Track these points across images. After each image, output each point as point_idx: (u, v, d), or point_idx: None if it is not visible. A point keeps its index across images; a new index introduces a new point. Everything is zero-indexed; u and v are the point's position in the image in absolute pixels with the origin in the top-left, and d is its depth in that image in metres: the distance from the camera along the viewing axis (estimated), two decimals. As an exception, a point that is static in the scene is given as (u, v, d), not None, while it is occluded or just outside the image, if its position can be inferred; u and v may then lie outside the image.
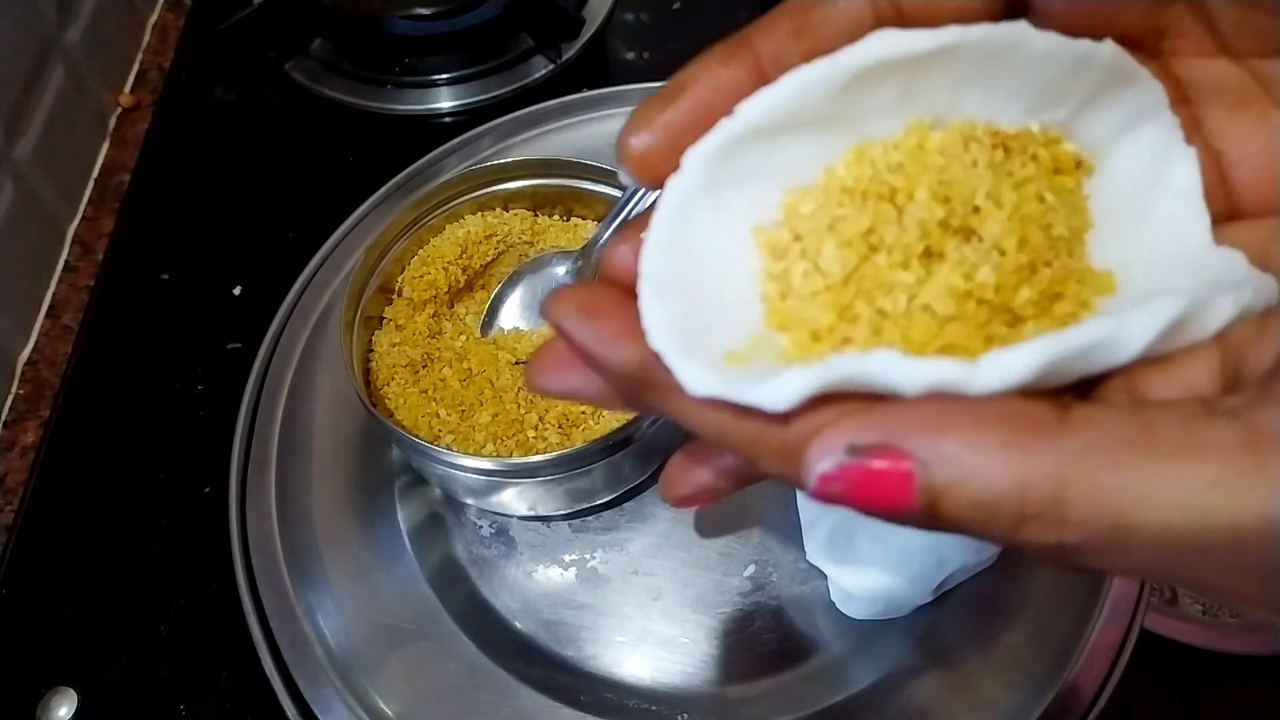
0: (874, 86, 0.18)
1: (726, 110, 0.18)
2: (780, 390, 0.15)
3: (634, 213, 0.43)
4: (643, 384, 0.17)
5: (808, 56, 0.17)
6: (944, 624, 0.41)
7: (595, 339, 0.17)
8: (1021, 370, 0.15)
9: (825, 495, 0.15)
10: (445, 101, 0.63)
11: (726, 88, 0.18)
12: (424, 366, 0.44)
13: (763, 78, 0.18)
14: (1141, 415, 0.14)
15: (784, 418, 0.16)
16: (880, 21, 0.17)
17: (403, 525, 0.45)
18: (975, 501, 0.14)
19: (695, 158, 0.18)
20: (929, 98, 0.18)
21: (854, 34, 0.17)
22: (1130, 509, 0.13)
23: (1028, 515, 0.14)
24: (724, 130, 0.18)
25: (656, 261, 0.18)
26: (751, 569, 0.43)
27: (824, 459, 0.15)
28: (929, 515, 0.14)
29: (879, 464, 0.14)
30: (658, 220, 0.18)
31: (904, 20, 0.17)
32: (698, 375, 0.16)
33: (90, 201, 0.63)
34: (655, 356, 0.16)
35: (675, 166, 0.18)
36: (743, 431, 0.16)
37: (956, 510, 0.14)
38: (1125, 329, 0.15)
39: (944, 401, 0.15)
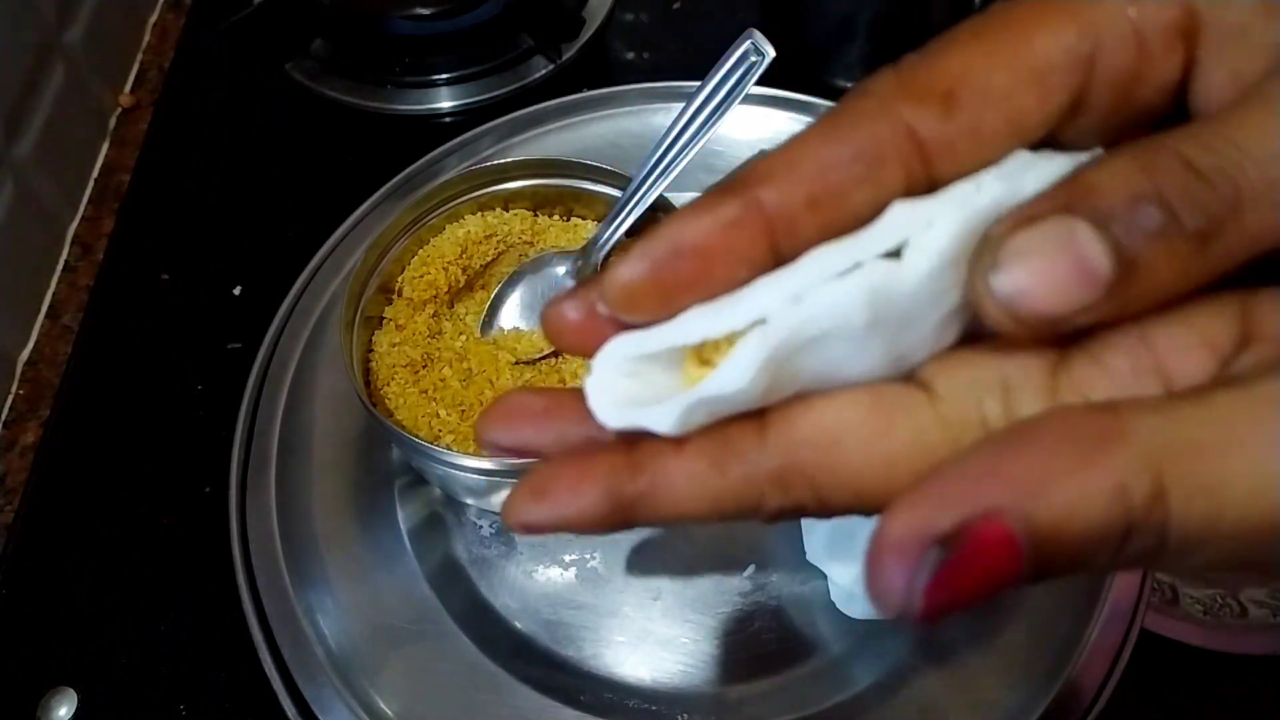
0: None
1: (729, 277, 0.16)
2: (732, 370, 0.15)
3: (634, 214, 0.43)
4: (619, 508, 0.16)
5: (825, 231, 0.16)
6: (944, 624, 0.41)
7: (559, 512, 0.17)
8: (944, 240, 0.15)
9: (936, 609, 0.13)
10: (445, 101, 0.63)
11: (734, 254, 0.16)
12: (424, 366, 0.44)
13: (775, 246, 0.16)
14: (1193, 402, 0.14)
15: (760, 435, 0.16)
16: (911, 189, 0.16)
17: (403, 525, 0.45)
18: (1084, 526, 0.13)
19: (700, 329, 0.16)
20: None
21: (881, 205, 0.16)
22: (1218, 489, 0.13)
23: (1133, 522, 0.13)
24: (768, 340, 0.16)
25: (611, 359, 0.17)
26: (751, 569, 0.43)
27: (916, 574, 0.13)
28: (1038, 567, 0.13)
29: (978, 543, 0.13)
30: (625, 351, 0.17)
31: (935, 183, 0.16)
32: (660, 412, 0.16)
33: (90, 201, 0.63)
34: (614, 477, 0.16)
35: (659, 316, 0.17)
36: (732, 481, 0.16)
37: (1065, 544, 0.13)
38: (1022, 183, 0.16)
39: (987, 454, 0.14)
